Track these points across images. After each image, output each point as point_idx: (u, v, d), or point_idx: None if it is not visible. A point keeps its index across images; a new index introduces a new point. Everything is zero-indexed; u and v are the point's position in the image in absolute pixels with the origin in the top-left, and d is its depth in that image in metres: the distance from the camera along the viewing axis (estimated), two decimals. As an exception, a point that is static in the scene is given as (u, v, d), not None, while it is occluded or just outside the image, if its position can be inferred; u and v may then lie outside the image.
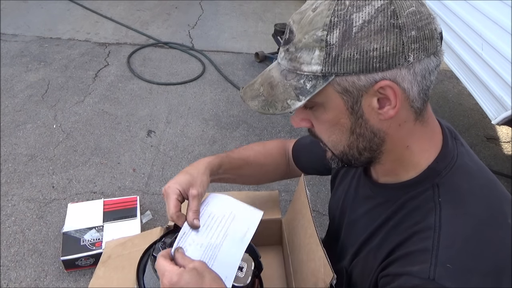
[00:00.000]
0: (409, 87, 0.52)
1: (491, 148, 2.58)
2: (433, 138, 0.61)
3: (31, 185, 1.98)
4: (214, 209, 0.75)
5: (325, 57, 0.51)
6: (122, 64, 3.09)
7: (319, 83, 0.53)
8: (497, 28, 1.69)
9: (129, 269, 0.90)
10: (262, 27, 3.97)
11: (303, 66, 0.53)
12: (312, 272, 0.71)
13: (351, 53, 0.50)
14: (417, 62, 0.51)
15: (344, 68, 0.51)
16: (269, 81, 0.58)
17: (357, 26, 0.49)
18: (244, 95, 0.61)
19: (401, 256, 0.56)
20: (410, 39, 0.50)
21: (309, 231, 0.76)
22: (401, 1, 0.50)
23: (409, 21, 0.50)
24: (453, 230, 0.53)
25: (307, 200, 0.79)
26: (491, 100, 1.69)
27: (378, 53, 0.49)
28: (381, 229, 0.63)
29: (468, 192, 0.57)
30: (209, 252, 0.69)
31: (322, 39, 0.51)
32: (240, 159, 0.91)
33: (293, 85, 0.55)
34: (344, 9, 0.50)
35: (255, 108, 0.58)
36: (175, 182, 0.75)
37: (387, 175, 0.65)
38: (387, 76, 0.51)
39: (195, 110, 2.67)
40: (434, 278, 0.50)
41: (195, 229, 0.71)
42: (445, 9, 2.14)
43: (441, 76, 3.32)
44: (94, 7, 3.93)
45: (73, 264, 1.58)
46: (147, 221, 1.82)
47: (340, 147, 0.61)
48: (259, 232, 0.97)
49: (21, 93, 2.65)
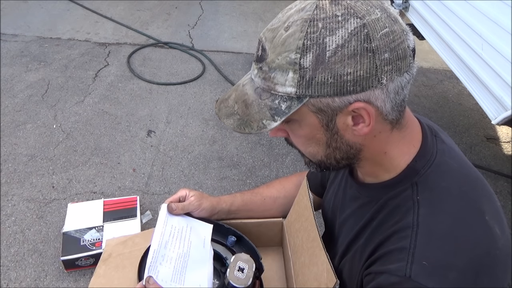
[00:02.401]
0: (382, 105, 0.53)
1: (491, 148, 2.58)
2: (412, 140, 0.61)
3: (31, 185, 1.98)
4: (174, 222, 0.84)
5: (299, 80, 0.51)
6: (122, 64, 3.09)
7: (293, 104, 0.53)
8: (497, 28, 1.69)
9: (129, 268, 0.90)
10: (262, 27, 3.96)
11: (277, 87, 0.53)
12: (315, 276, 0.71)
13: (325, 77, 0.50)
14: (390, 82, 0.51)
15: (318, 91, 0.51)
16: (243, 98, 0.58)
17: (331, 50, 0.49)
18: (219, 112, 0.61)
19: (381, 255, 0.57)
20: (383, 62, 0.50)
21: (312, 234, 0.76)
22: (374, 23, 0.49)
23: (382, 44, 0.49)
24: (430, 228, 0.54)
25: (309, 203, 0.79)
26: (491, 100, 1.69)
27: (352, 77, 0.49)
28: (366, 229, 0.64)
29: (445, 190, 0.58)
30: (180, 262, 0.77)
31: (295, 62, 0.50)
32: (253, 194, 0.97)
33: (268, 105, 0.55)
34: (317, 31, 0.49)
35: (230, 127, 0.59)
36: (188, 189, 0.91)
37: (369, 176, 0.66)
38: (361, 98, 0.51)
39: (195, 110, 2.67)
40: (411, 275, 0.51)
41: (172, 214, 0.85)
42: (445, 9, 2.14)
43: (441, 76, 3.32)
44: (94, 7, 3.93)
45: (73, 264, 1.58)
46: (147, 221, 1.82)
47: (318, 157, 0.62)
48: (260, 233, 0.97)
49: (21, 93, 2.64)
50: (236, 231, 0.89)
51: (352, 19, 0.49)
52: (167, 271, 0.74)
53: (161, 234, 0.79)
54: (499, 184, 2.27)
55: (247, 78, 0.60)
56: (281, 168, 2.26)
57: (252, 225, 0.96)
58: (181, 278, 0.75)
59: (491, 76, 1.69)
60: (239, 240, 0.88)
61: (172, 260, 0.76)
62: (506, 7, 1.65)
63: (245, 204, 0.95)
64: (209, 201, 0.90)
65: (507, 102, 1.55)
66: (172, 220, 0.84)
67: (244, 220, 0.96)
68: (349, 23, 0.49)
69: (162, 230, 0.80)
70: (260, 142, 2.44)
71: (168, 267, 0.75)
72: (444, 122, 2.77)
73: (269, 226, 0.98)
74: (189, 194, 0.89)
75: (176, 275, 0.75)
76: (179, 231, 0.83)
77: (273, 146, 2.41)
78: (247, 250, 0.86)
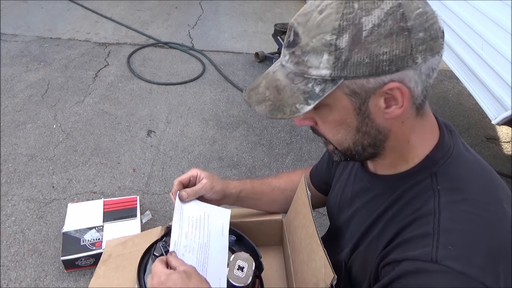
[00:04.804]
0: (414, 86, 0.53)
1: (491, 148, 2.58)
2: (432, 131, 0.62)
3: (31, 185, 1.98)
4: (191, 212, 0.82)
5: (334, 62, 0.51)
6: (122, 64, 3.09)
7: (328, 86, 0.53)
8: (497, 28, 1.69)
9: (129, 268, 0.90)
10: (262, 27, 3.97)
11: (311, 70, 0.53)
12: (313, 273, 0.71)
13: (361, 57, 0.50)
14: (424, 62, 0.51)
15: (354, 72, 0.51)
16: (274, 84, 0.58)
17: (367, 30, 0.49)
18: (249, 99, 0.61)
19: (401, 242, 0.57)
20: (418, 41, 0.50)
21: (310, 231, 0.76)
22: (409, 3, 0.50)
23: (417, 23, 0.50)
24: (452, 214, 0.55)
25: (307, 200, 0.79)
26: (491, 100, 1.69)
27: (387, 57, 0.50)
28: (381, 219, 0.64)
29: (465, 179, 0.58)
30: (202, 253, 0.76)
31: (331, 43, 0.50)
32: (263, 183, 0.96)
33: (301, 89, 0.54)
34: (353, 12, 0.50)
35: (262, 113, 0.58)
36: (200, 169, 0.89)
37: (386, 167, 0.66)
38: (396, 78, 0.51)
39: (195, 110, 2.67)
40: (437, 259, 0.51)
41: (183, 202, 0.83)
42: (445, 9, 2.14)
43: (441, 76, 3.32)
44: (94, 7, 3.93)
45: (73, 264, 1.58)
46: (147, 221, 1.82)
47: (345, 144, 0.61)
48: (260, 232, 0.97)
49: (21, 93, 2.64)
50: (236, 230, 0.89)
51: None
52: (190, 262, 0.72)
53: (179, 225, 0.78)
54: (499, 184, 2.27)
55: (277, 65, 0.60)
56: (281, 168, 2.26)
57: (252, 224, 0.96)
58: (203, 269, 0.74)
59: (491, 76, 1.69)
60: (239, 239, 0.88)
61: (194, 251, 0.76)
62: (506, 7, 1.65)
63: (254, 192, 0.94)
64: (220, 184, 0.89)
65: (507, 102, 1.55)
66: (188, 210, 0.82)
67: (244, 219, 0.96)
68: (385, 3, 0.49)
69: (180, 221, 0.79)
70: (260, 142, 2.44)
71: (191, 258, 0.74)
72: (444, 122, 2.77)
73: (269, 225, 0.98)
74: (201, 176, 0.87)
75: (199, 267, 0.74)
76: (197, 220, 0.81)
77: (273, 146, 2.41)
78: (247, 249, 0.86)
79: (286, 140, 2.47)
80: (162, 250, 0.78)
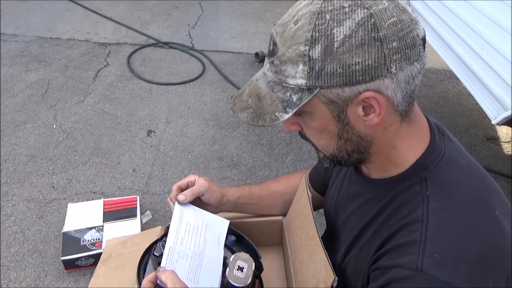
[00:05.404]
0: (392, 94, 0.53)
1: (491, 148, 2.58)
2: (421, 135, 0.62)
3: (31, 185, 1.98)
4: (189, 218, 0.82)
5: (309, 71, 0.52)
6: (122, 64, 3.09)
7: (304, 95, 0.54)
8: (497, 28, 1.69)
9: (129, 268, 0.90)
10: (262, 27, 3.97)
11: (289, 79, 0.54)
12: (313, 274, 0.71)
13: (333, 67, 0.51)
14: (400, 71, 0.52)
15: (328, 82, 0.52)
16: (256, 92, 0.59)
17: (338, 41, 0.50)
18: (233, 107, 0.63)
19: (390, 249, 0.58)
20: (391, 51, 0.50)
21: (311, 232, 0.76)
22: (381, 13, 0.50)
23: (389, 33, 0.50)
24: (440, 222, 0.55)
25: (308, 201, 0.79)
26: (491, 100, 1.69)
27: (360, 67, 0.50)
28: (372, 224, 0.65)
29: (455, 185, 0.58)
30: (195, 260, 0.76)
31: (304, 54, 0.52)
32: (261, 188, 0.97)
33: (280, 98, 0.56)
34: (325, 23, 0.50)
35: (244, 120, 0.60)
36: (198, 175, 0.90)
37: (377, 171, 0.66)
38: (371, 87, 0.52)
39: (195, 110, 2.67)
40: (422, 268, 0.51)
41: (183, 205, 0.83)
42: (445, 9, 2.14)
43: (441, 76, 3.32)
44: (94, 7, 3.93)
45: (73, 264, 1.58)
46: (147, 221, 1.82)
47: (330, 150, 0.62)
48: (260, 232, 0.97)
49: (21, 93, 2.64)
50: (235, 231, 0.89)
51: (359, 10, 0.50)
52: (183, 268, 0.73)
53: (176, 231, 0.78)
54: (499, 184, 2.24)
55: (260, 73, 0.61)
56: (281, 168, 2.26)
57: (252, 224, 0.96)
58: (195, 277, 0.75)
59: (491, 76, 1.69)
60: (238, 239, 0.88)
61: (188, 257, 0.76)
62: (506, 7, 1.65)
63: (253, 197, 0.95)
64: (218, 188, 0.89)
65: (507, 102, 1.55)
66: (187, 216, 0.82)
67: (244, 220, 0.96)
68: (356, 14, 0.50)
69: (177, 227, 0.79)
70: (260, 142, 2.44)
71: (184, 265, 0.75)
72: (444, 122, 2.77)
73: (269, 225, 0.98)
74: (198, 179, 0.88)
75: (191, 274, 0.74)
76: (194, 227, 0.82)
77: (273, 146, 2.41)
78: (247, 249, 0.86)
79: (286, 140, 2.47)
80: (162, 250, 0.78)
